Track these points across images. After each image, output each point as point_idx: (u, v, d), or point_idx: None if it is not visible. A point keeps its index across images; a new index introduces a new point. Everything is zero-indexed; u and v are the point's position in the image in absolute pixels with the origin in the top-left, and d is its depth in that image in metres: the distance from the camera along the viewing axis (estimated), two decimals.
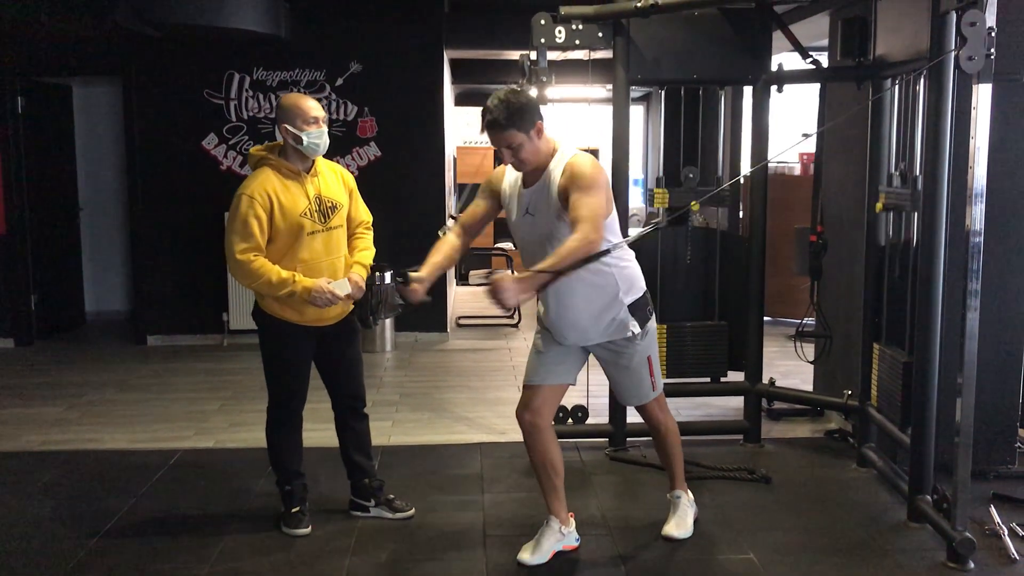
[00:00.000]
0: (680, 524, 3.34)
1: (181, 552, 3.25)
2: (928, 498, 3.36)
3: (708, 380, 4.45)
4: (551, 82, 4.05)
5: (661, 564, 3.17)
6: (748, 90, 4.37)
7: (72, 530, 3.45)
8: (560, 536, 3.17)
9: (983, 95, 2.94)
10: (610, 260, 2.99)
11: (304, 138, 3.16)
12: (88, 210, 7.72)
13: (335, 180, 3.34)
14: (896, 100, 3.85)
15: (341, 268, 3.31)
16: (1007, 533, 3.28)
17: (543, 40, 4.00)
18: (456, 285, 8.56)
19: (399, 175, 6.69)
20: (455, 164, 9.41)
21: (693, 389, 4.50)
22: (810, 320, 4.44)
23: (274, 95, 6.59)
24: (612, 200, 2.99)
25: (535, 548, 3.13)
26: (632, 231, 4.41)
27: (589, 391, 4.18)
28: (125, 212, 7.46)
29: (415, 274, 2.94)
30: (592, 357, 3.24)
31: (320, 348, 3.39)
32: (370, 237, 3.47)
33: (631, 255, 3.12)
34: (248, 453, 4.25)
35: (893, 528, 3.44)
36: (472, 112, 10.47)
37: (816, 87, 4.38)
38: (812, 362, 4.68)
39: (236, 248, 3.10)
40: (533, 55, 4.06)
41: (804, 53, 4.19)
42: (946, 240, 3.31)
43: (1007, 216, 3.75)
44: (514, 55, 7.58)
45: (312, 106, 3.20)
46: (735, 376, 4.47)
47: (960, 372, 3.06)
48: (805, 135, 4.29)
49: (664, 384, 3.31)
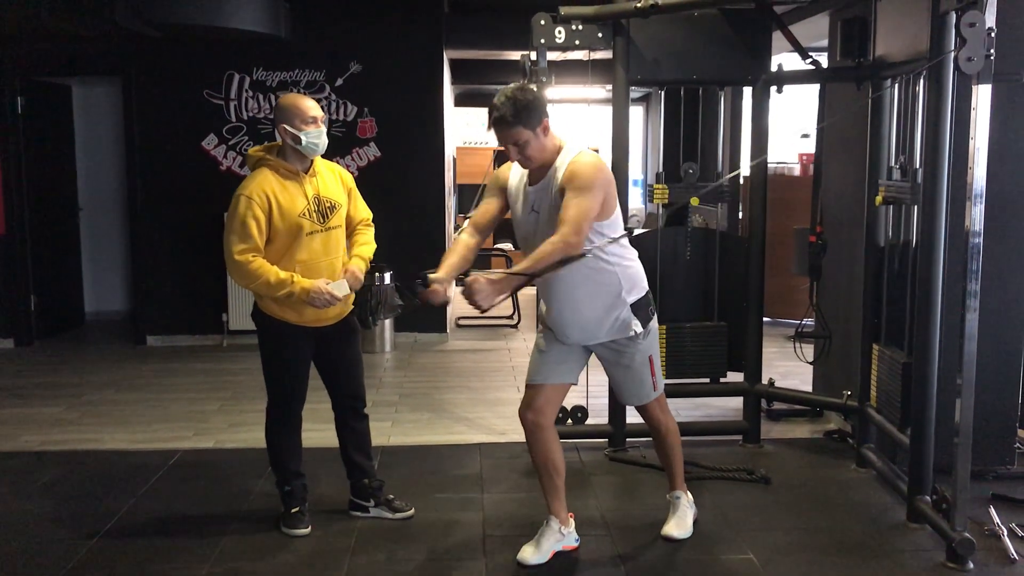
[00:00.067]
0: (680, 524, 3.34)
1: (181, 552, 3.25)
2: (927, 498, 3.37)
3: (707, 380, 4.45)
4: (551, 82, 4.05)
5: (661, 564, 3.17)
6: (748, 90, 4.37)
7: (71, 530, 3.45)
8: (560, 536, 3.18)
9: (983, 95, 2.94)
10: (613, 259, 3.00)
11: (303, 138, 3.16)
12: (88, 210, 7.72)
13: (333, 180, 3.34)
14: (896, 100, 3.85)
15: (340, 268, 3.31)
16: (1006, 533, 3.28)
17: (543, 40, 4.00)
18: (455, 285, 8.55)
19: (399, 176, 6.69)
20: (455, 164, 9.40)
21: (692, 389, 4.50)
22: (809, 321, 4.44)
23: (274, 95, 6.58)
24: (615, 199, 2.99)
25: (535, 548, 3.13)
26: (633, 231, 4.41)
27: (588, 391, 4.19)
28: (125, 212, 7.46)
29: (434, 275, 2.91)
30: (593, 357, 3.24)
31: (319, 348, 3.38)
32: (371, 233, 3.46)
33: (634, 254, 3.12)
34: (248, 453, 4.25)
35: (892, 528, 3.44)
36: (472, 112, 10.48)
37: (816, 87, 4.38)
38: (811, 363, 4.68)
39: (234, 248, 3.10)
40: (533, 55, 4.06)
41: (804, 53, 4.19)
42: (946, 240, 3.31)
43: (1007, 216, 3.75)
44: (514, 55, 7.57)
45: (310, 106, 3.20)
46: (734, 377, 4.47)
47: (959, 373, 3.06)
48: (804, 135, 4.30)
49: (664, 384, 3.30)
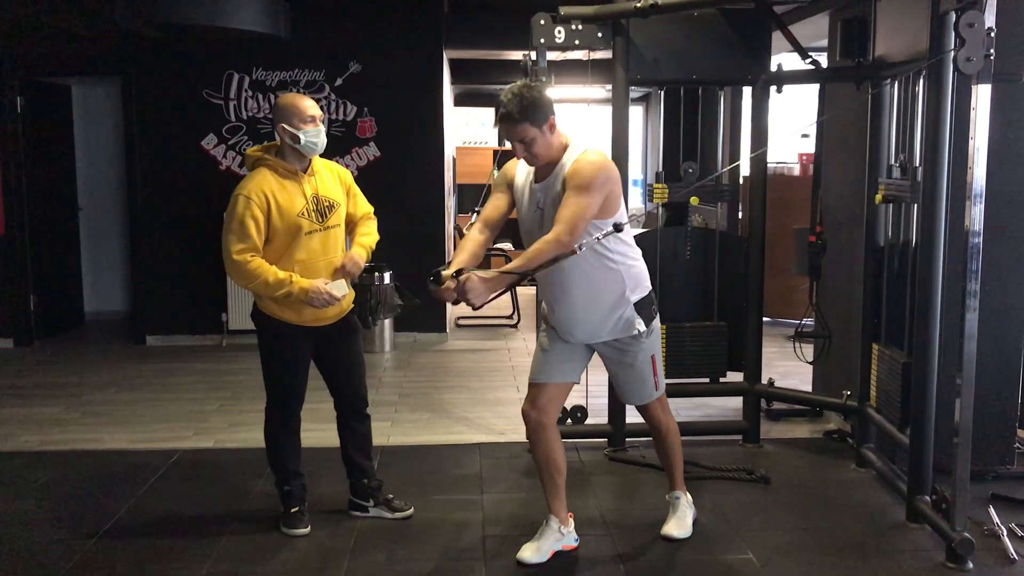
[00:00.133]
0: (679, 524, 3.34)
1: (181, 552, 3.25)
2: (927, 498, 3.36)
3: (707, 380, 4.45)
4: (551, 82, 4.05)
5: (660, 564, 3.17)
6: (747, 90, 4.37)
7: (71, 530, 3.45)
8: (559, 536, 3.18)
9: (982, 95, 2.94)
10: (618, 258, 3.01)
11: (302, 137, 3.16)
12: (88, 210, 7.71)
13: (332, 179, 3.34)
14: (896, 100, 3.85)
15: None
16: (1006, 533, 3.28)
17: (543, 40, 4.00)
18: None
19: (398, 175, 6.69)
20: (455, 164, 9.40)
21: (692, 389, 4.50)
22: (809, 320, 4.44)
23: (273, 95, 6.58)
24: (619, 198, 2.99)
25: (534, 548, 3.13)
26: (633, 231, 4.41)
27: (588, 391, 4.19)
28: (125, 212, 7.45)
29: (446, 272, 2.88)
30: (593, 357, 3.24)
31: (319, 348, 3.38)
32: (374, 225, 3.45)
33: (638, 253, 3.13)
34: (247, 453, 4.25)
35: (892, 528, 3.44)
36: (472, 112, 10.47)
37: (816, 87, 4.38)
38: (811, 362, 4.68)
39: (233, 248, 3.10)
40: (533, 55, 4.06)
41: (803, 53, 4.19)
42: (945, 240, 3.31)
43: (1007, 216, 3.75)
44: (514, 55, 7.59)
45: (309, 105, 3.20)
46: (734, 376, 4.46)
47: (959, 372, 3.06)
48: (804, 135, 4.30)
49: (665, 384, 3.30)
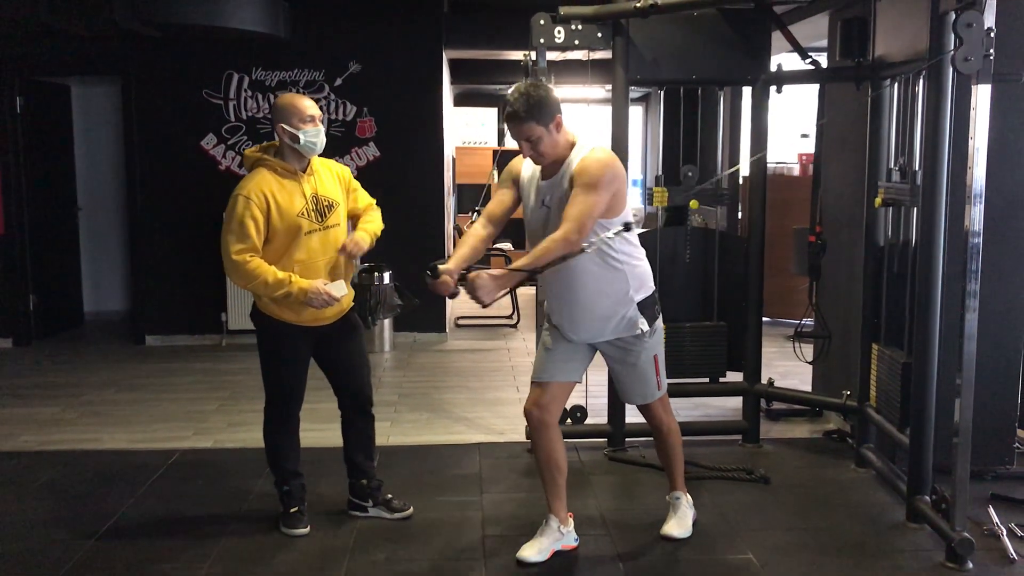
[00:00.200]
0: (680, 524, 3.34)
1: (180, 552, 3.25)
2: (927, 498, 3.36)
3: (707, 380, 4.45)
4: (550, 82, 4.05)
5: (660, 564, 3.17)
6: (747, 90, 4.37)
7: (70, 530, 3.44)
8: (559, 535, 3.18)
9: (982, 96, 2.94)
10: (622, 258, 3.02)
11: (301, 136, 3.16)
12: (87, 210, 7.71)
13: (331, 178, 3.33)
14: (896, 100, 3.85)
15: (339, 267, 3.31)
16: (1006, 533, 3.28)
17: (542, 40, 4.00)
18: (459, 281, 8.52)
19: (398, 175, 6.69)
20: (454, 164, 9.40)
21: (692, 389, 4.50)
22: (809, 320, 4.44)
23: (273, 95, 6.58)
24: (625, 197, 3.00)
25: (534, 547, 3.13)
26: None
27: (588, 391, 4.19)
28: (124, 212, 7.45)
29: (444, 267, 2.89)
30: (596, 356, 3.24)
31: (319, 348, 3.38)
32: (378, 214, 3.45)
33: (642, 253, 3.13)
34: (247, 453, 4.25)
35: (892, 528, 3.44)
36: (472, 112, 10.46)
37: (815, 87, 4.38)
38: (811, 362, 4.68)
39: (232, 249, 3.10)
40: (533, 55, 4.07)
41: (803, 53, 4.19)
42: (945, 240, 3.31)
43: (1006, 216, 3.75)
44: (514, 55, 7.59)
45: (308, 105, 3.20)
46: (734, 376, 4.46)
47: (959, 372, 3.06)
48: (804, 135, 4.30)
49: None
